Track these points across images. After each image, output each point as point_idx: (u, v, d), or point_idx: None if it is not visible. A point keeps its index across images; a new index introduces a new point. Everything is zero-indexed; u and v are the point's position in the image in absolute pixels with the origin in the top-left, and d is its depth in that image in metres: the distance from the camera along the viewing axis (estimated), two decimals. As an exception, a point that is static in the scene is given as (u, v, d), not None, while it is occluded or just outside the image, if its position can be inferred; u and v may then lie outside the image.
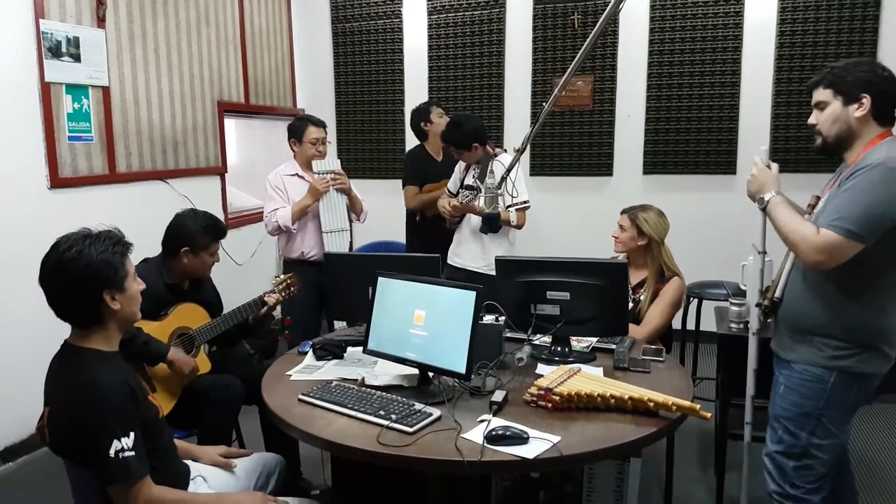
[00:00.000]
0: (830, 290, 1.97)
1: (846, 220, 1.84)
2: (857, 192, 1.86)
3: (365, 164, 5.78)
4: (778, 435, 2.10)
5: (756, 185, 2.09)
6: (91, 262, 1.68)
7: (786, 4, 4.64)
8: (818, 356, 2.00)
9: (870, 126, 1.98)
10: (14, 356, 3.34)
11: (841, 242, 1.84)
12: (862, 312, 1.95)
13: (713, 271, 3.94)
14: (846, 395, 1.99)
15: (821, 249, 1.87)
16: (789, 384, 2.07)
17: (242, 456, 2.23)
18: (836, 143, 2.03)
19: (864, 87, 1.95)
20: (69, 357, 1.73)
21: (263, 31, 5.42)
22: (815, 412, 2.01)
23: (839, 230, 1.84)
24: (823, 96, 2.03)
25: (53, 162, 3.55)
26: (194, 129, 4.62)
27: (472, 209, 3.58)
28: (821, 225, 1.89)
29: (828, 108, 2.02)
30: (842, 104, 1.99)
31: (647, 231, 2.95)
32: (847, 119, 1.98)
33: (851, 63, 2.01)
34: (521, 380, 2.21)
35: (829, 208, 1.92)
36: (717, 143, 4.91)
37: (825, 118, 2.03)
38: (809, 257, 1.90)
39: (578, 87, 5.12)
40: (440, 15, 5.44)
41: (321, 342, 2.62)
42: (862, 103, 1.96)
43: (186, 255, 2.73)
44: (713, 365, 3.70)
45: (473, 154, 3.64)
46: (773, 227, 2.03)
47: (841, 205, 1.88)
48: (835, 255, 1.86)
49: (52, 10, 3.52)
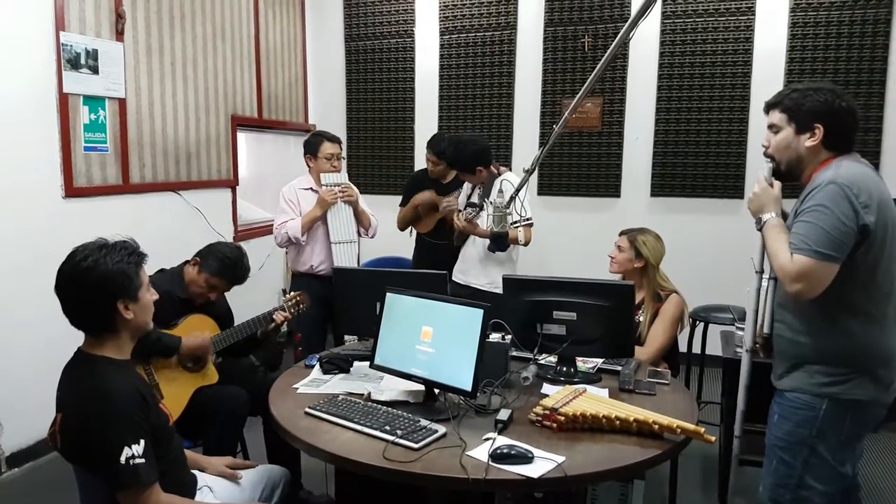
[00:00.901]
0: (813, 316, 1.95)
1: (813, 243, 1.83)
2: (816, 213, 1.84)
3: (374, 180, 5.82)
4: (773, 465, 2.06)
5: (756, 205, 2.08)
6: (106, 272, 1.71)
7: (795, 31, 4.68)
8: (808, 383, 1.97)
9: (819, 154, 1.97)
10: (23, 363, 3.37)
11: (813, 266, 1.82)
12: (846, 337, 1.91)
13: (719, 295, 3.94)
14: (839, 423, 1.94)
15: (796, 277, 1.85)
16: (783, 413, 2.04)
17: (248, 467, 2.24)
18: (788, 171, 2.03)
19: (818, 118, 1.94)
20: (82, 364, 1.76)
21: (278, 48, 5.49)
22: (808, 440, 1.96)
23: (808, 253, 1.83)
24: (777, 120, 2.03)
25: (69, 171, 3.60)
26: (207, 142, 4.68)
27: (477, 230, 3.56)
28: (791, 252, 1.87)
29: (780, 132, 2.02)
30: (794, 132, 1.99)
31: (644, 254, 2.97)
32: (797, 147, 1.98)
33: (812, 88, 1.98)
34: (527, 399, 2.22)
35: (793, 233, 1.90)
36: (725, 168, 4.93)
37: (777, 143, 2.03)
38: (788, 287, 1.89)
39: (588, 108, 5.16)
40: (452, 35, 5.51)
41: (328, 356, 2.64)
42: (814, 133, 1.95)
43: (196, 265, 2.80)
44: (718, 389, 3.70)
45: (478, 176, 3.62)
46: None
47: (803, 229, 1.86)
48: (812, 280, 1.84)
49: (73, 22, 3.59)
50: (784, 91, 2.05)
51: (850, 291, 1.89)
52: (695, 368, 4.03)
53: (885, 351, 1.94)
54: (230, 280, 2.84)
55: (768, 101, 2.08)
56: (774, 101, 2.05)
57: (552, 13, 5.20)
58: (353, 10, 5.79)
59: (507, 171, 3.70)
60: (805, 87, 2.01)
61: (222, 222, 4.80)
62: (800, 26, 4.67)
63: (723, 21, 4.81)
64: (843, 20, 4.57)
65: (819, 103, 1.95)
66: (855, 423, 1.96)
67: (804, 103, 1.97)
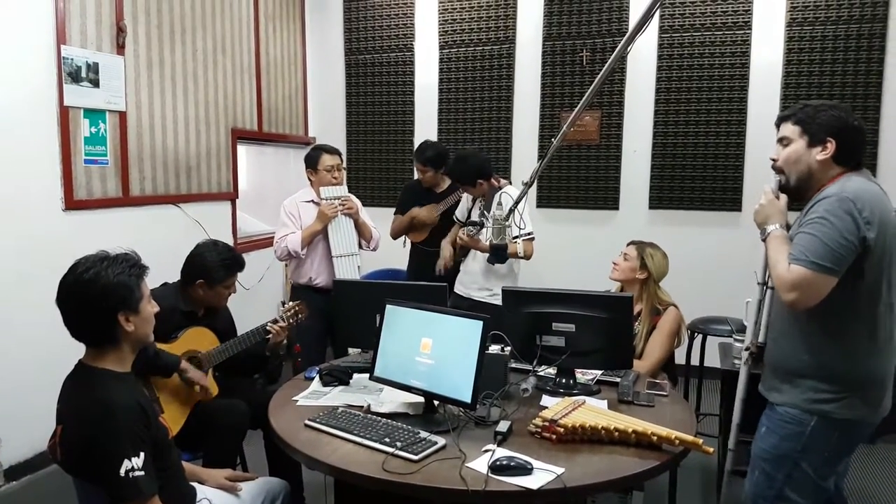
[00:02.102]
0: (811, 332, 1.95)
1: (812, 254, 1.83)
2: (817, 225, 1.85)
3: (374, 193, 5.83)
4: (755, 476, 2.06)
5: (762, 216, 2.07)
6: (107, 284, 1.72)
7: (792, 45, 4.72)
8: (798, 398, 1.97)
9: (829, 169, 1.97)
10: (22, 376, 3.36)
11: (809, 277, 1.82)
12: (847, 355, 1.91)
13: (717, 307, 3.95)
14: (826, 441, 1.94)
15: (791, 286, 1.85)
16: (770, 425, 2.04)
17: (248, 480, 2.24)
18: (797, 185, 2.03)
19: (831, 132, 1.95)
20: (83, 376, 1.77)
21: (278, 62, 5.53)
22: (793, 455, 1.97)
23: (805, 264, 1.83)
24: (789, 132, 2.03)
25: (69, 184, 3.62)
26: (207, 154, 4.70)
27: (478, 245, 3.61)
28: (789, 262, 1.88)
29: (791, 145, 2.02)
30: (806, 145, 1.99)
31: (649, 267, 2.98)
32: (809, 161, 1.98)
33: (826, 105, 2.00)
34: (526, 410, 2.22)
35: (794, 244, 1.91)
36: (722, 180, 4.95)
37: (787, 156, 2.03)
38: (784, 296, 1.89)
39: (586, 121, 5.19)
40: (451, 49, 5.55)
41: (328, 368, 2.64)
42: (826, 147, 1.95)
43: (202, 286, 2.77)
44: (717, 400, 3.70)
45: (479, 189, 3.70)
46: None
47: (803, 240, 1.87)
48: (807, 291, 1.84)
49: (74, 36, 3.62)
50: (797, 105, 2.06)
51: (853, 309, 1.90)
52: (693, 380, 4.04)
53: (881, 371, 1.95)
54: (240, 269, 2.88)
55: (780, 114, 2.10)
56: (787, 114, 2.06)
57: (551, 27, 5.25)
58: (353, 24, 5.83)
59: (508, 185, 3.74)
60: (818, 102, 2.02)
61: (222, 235, 4.79)
62: (796, 41, 4.71)
63: (720, 35, 4.85)
64: (839, 35, 4.61)
65: (833, 118, 1.96)
66: (841, 442, 1.96)
67: (818, 117, 1.97)
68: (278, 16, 5.51)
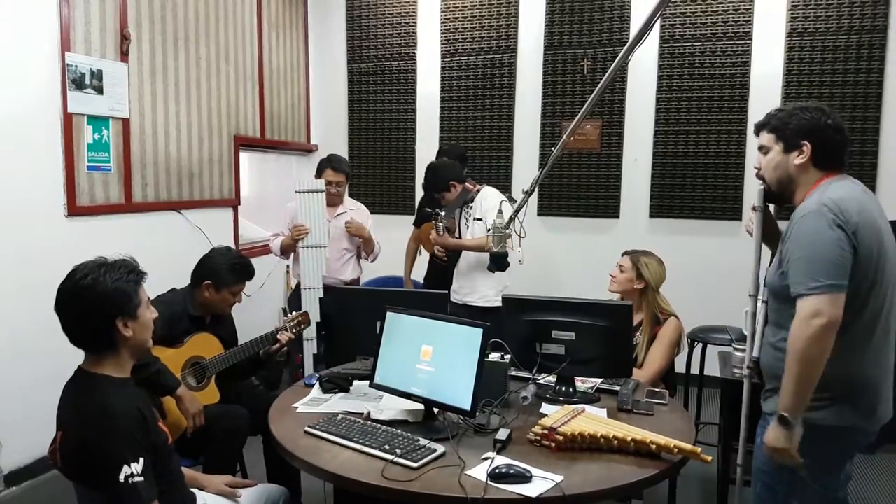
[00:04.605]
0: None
1: (817, 277, 1.78)
2: (807, 249, 1.81)
3: (375, 200, 5.84)
4: (757, 489, 2.03)
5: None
6: (105, 290, 1.72)
7: (792, 56, 4.74)
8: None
9: (809, 173, 1.96)
10: (22, 382, 3.36)
11: (825, 300, 1.77)
12: (835, 362, 1.84)
13: (717, 316, 3.95)
14: (819, 448, 1.89)
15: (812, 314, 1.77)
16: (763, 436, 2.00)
17: (247, 486, 2.24)
18: (779, 192, 2.03)
19: (805, 135, 1.94)
20: (82, 382, 1.77)
21: (281, 70, 5.55)
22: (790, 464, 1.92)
23: (818, 290, 1.77)
24: (766, 140, 2.03)
25: (72, 190, 3.63)
26: (210, 161, 4.72)
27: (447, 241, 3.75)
28: (794, 294, 1.82)
29: (770, 153, 2.02)
30: (782, 150, 1.99)
31: (646, 276, 2.99)
32: (786, 166, 1.98)
33: (798, 108, 1.99)
34: (526, 418, 2.23)
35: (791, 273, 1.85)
36: (723, 189, 4.97)
37: (766, 163, 2.03)
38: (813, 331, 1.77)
39: (587, 130, 5.21)
40: (453, 58, 5.57)
41: (328, 375, 2.65)
42: (802, 151, 1.94)
43: (209, 288, 2.80)
44: (716, 409, 3.70)
45: (452, 193, 3.76)
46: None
47: (801, 268, 1.82)
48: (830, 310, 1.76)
49: (78, 43, 3.64)
50: (772, 112, 2.06)
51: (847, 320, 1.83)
52: (693, 389, 4.03)
53: (870, 377, 1.90)
54: (250, 277, 2.91)
55: (757, 122, 2.10)
56: (762, 122, 2.06)
57: (552, 37, 5.27)
58: (355, 33, 5.86)
59: (486, 187, 3.84)
60: (792, 106, 2.02)
61: (224, 241, 4.77)
62: (796, 51, 4.73)
63: (720, 45, 4.87)
64: (839, 45, 4.63)
65: (805, 121, 1.95)
66: (833, 450, 1.92)
67: (790, 122, 1.97)
68: (281, 24, 5.54)
